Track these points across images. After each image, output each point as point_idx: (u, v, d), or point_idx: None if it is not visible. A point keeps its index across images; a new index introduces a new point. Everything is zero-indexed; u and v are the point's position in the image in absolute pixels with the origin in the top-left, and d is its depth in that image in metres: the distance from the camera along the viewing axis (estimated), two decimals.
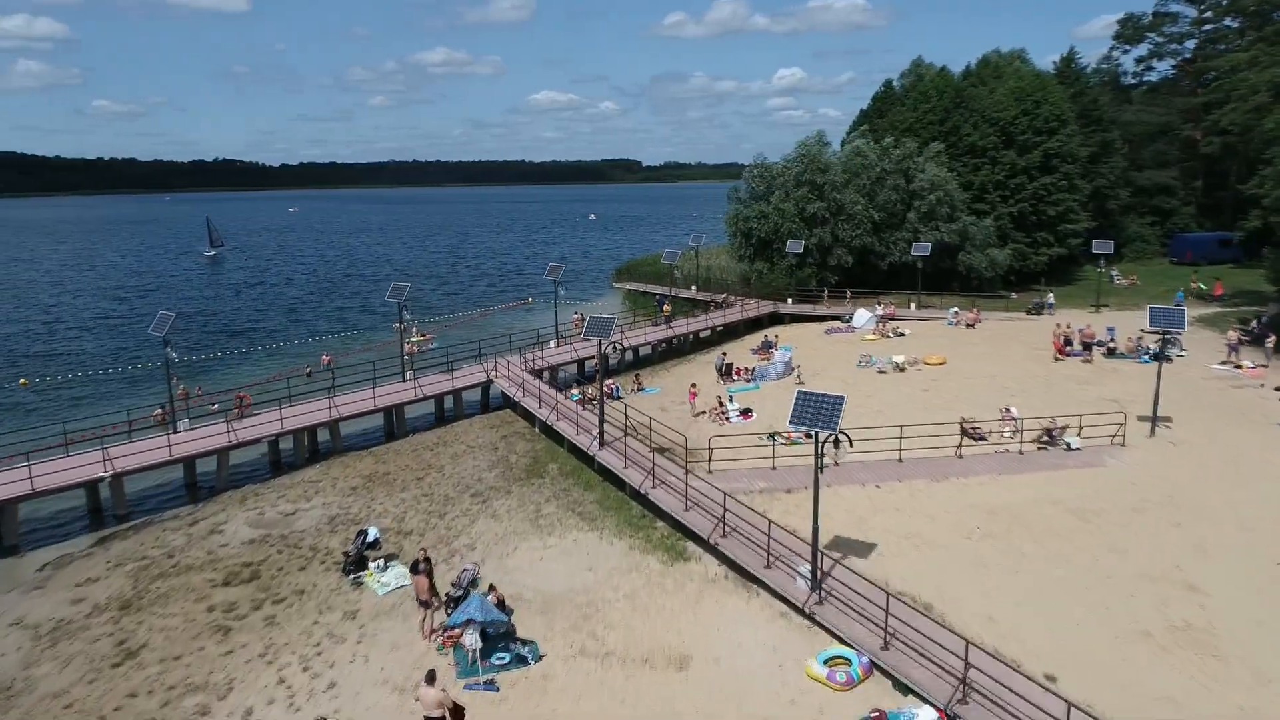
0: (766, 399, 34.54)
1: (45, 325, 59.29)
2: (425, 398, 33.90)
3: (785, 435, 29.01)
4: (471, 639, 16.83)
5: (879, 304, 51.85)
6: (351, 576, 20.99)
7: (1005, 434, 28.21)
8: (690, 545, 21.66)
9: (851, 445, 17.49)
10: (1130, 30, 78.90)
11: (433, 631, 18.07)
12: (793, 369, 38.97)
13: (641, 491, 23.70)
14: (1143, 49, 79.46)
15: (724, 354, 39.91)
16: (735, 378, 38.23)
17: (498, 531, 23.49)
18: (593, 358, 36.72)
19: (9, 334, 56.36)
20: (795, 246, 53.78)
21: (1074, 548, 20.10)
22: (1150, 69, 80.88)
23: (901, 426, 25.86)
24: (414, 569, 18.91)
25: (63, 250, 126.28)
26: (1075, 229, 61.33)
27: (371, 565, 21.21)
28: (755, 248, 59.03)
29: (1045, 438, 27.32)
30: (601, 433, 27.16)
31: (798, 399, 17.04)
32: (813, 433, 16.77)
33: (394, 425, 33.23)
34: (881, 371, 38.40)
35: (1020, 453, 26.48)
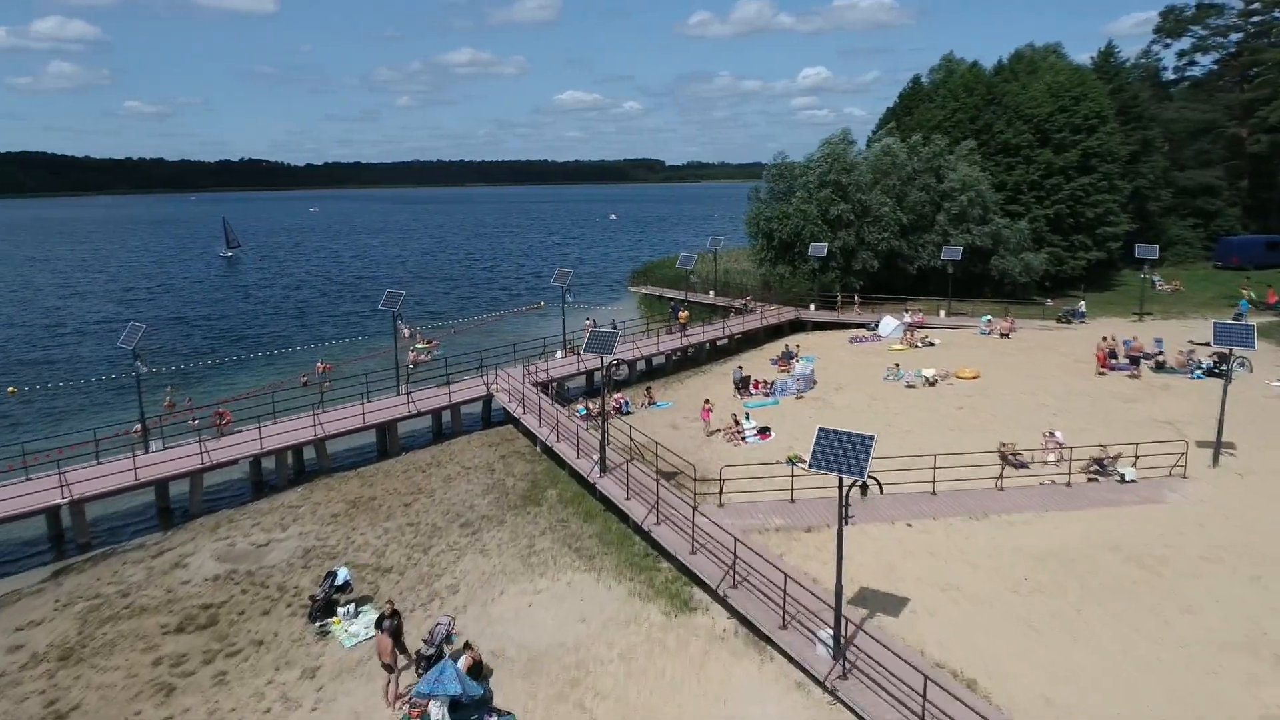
0: (786, 416, 32.06)
1: (46, 329, 57.82)
2: (420, 413, 31.69)
3: (805, 460, 26.63)
4: (439, 712, 14.62)
5: (906, 311, 49.08)
6: (318, 624, 18.78)
7: (1049, 461, 25.54)
8: (697, 592, 19.23)
9: (882, 491, 15.00)
10: (1171, 23, 75.40)
11: (398, 697, 15.79)
12: (814, 382, 36.46)
13: (644, 528, 21.30)
14: (1185, 42, 75.99)
15: (740, 367, 37.38)
16: (753, 391, 35.73)
17: (485, 570, 21.20)
18: (601, 369, 34.36)
19: (8, 338, 54.95)
20: (818, 250, 51.09)
21: (1138, 606, 17.43)
22: (1193, 63, 77.39)
23: (935, 456, 23.19)
24: (379, 624, 16.65)
25: (79, 250, 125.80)
26: (1114, 232, 58.15)
27: (340, 611, 19.01)
28: (776, 250, 56.38)
29: (1095, 467, 24.59)
30: (603, 458, 24.77)
31: (819, 437, 14.60)
32: (837, 477, 14.29)
33: (387, 443, 31.08)
34: (910, 386, 35.74)
35: (1068, 484, 23.74)
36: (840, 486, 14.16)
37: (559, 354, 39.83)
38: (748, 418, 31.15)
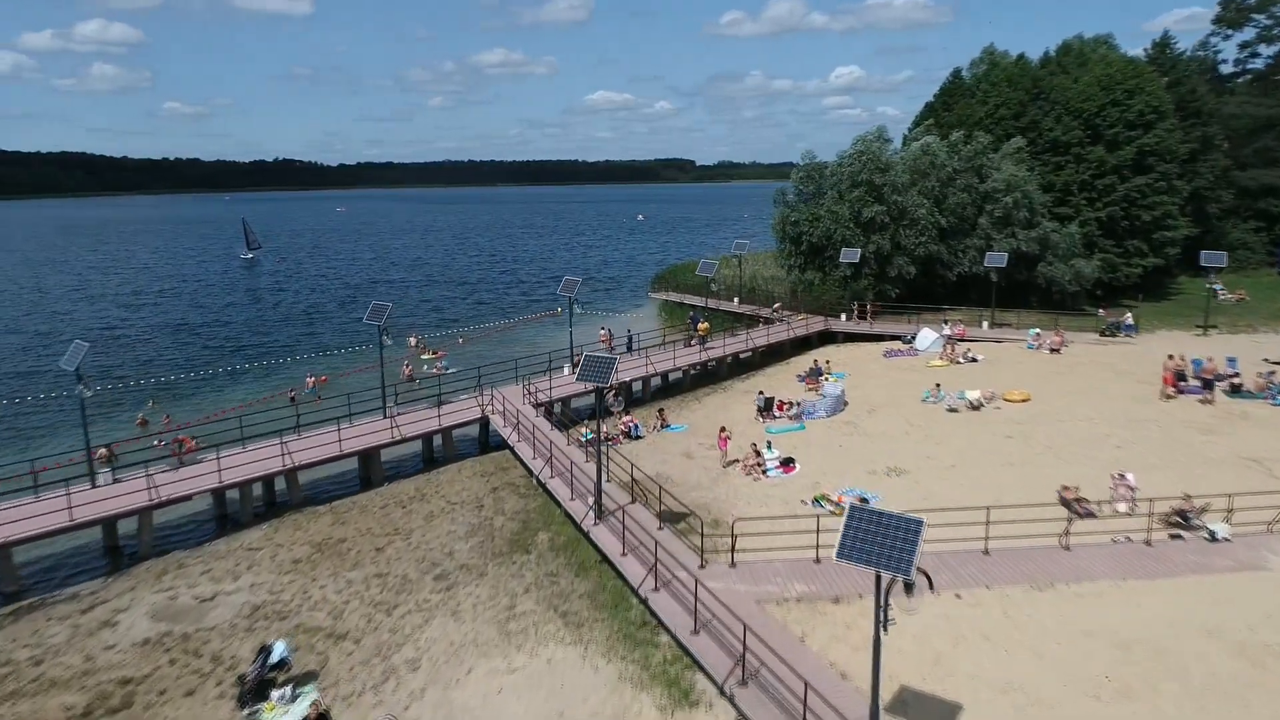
0: (813, 445, 28.65)
1: (43, 336, 55.76)
2: (405, 439, 28.66)
3: (833, 501, 23.30)
4: None
5: (945, 322, 45.28)
6: (246, 711, 15.77)
7: (1120, 510, 21.87)
8: (700, 679, 15.90)
9: (932, 588, 11.62)
10: (1233, 12, 70.61)
11: None
12: (845, 403, 32.99)
13: (641, 595, 18.05)
14: (1247, 33, 71.10)
15: (761, 392, 33.88)
16: (777, 413, 32.32)
17: (454, 639, 18.06)
18: (610, 388, 31.18)
19: (3, 345, 52.92)
20: (850, 255, 47.50)
21: (1254, 719, 13.83)
22: (1255, 55, 72.43)
23: (988, 509, 19.62)
24: None
25: (101, 251, 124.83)
26: (1172, 237, 53.81)
27: (274, 695, 15.94)
28: (805, 255, 52.71)
29: (1177, 519, 20.89)
30: (598, 502, 21.53)
31: (850, 519, 11.22)
32: (875, 573, 10.91)
33: (370, 471, 28.12)
34: (952, 409, 32.12)
35: (1147, 542, 20.03)
36: (878, 585, 10.80)
37: (565, 369, 36.63)
38: (769, 446, 27.83)
